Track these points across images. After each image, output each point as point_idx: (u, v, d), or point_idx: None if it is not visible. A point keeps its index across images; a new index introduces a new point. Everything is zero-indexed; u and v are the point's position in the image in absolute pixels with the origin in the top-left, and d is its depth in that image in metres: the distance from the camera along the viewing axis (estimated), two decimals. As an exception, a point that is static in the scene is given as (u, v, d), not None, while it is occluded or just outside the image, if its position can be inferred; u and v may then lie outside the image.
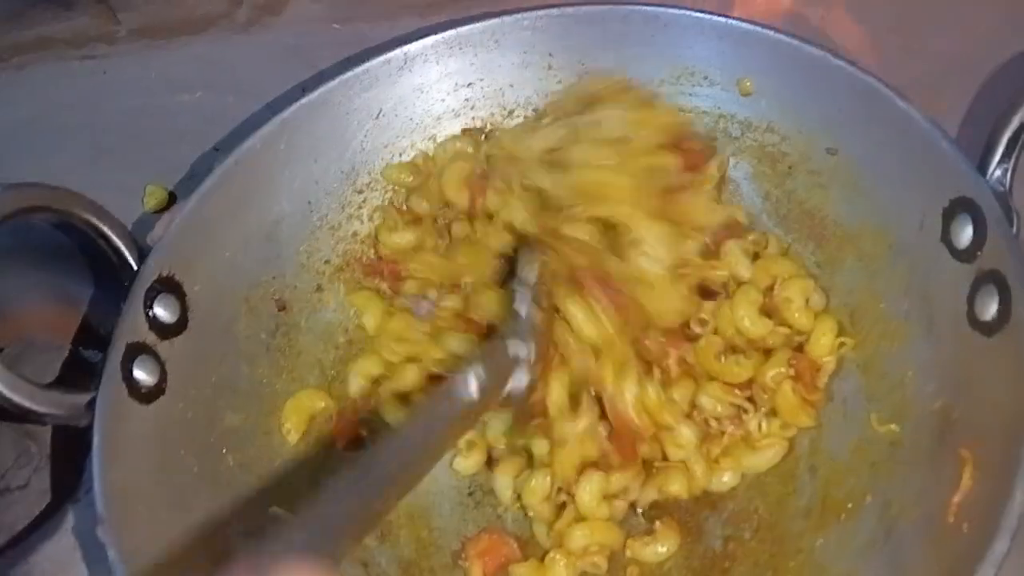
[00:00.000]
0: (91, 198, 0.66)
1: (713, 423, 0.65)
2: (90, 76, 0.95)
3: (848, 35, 0.69)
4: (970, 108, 0.74)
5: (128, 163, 0.87)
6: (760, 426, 0.64)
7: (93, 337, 0.74)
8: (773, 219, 0.71)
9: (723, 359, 0.66)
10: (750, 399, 0.65)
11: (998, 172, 0.59)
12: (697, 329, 0.66)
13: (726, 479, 0.64)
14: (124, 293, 0.64)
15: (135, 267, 0.66)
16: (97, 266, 0.76)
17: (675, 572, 0.63)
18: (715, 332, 0.66)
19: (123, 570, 0.54)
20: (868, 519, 0.59)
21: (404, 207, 0.75)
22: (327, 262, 0.74)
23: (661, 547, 0.63)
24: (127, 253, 0.66)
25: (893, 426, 0.61)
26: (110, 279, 0.68)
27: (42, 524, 0.68)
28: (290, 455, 0.68)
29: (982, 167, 0.59)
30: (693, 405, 0.66)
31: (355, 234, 0.75)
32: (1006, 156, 0.58)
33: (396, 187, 0.75)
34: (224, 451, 0.65)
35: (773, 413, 0.65)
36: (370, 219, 0.76)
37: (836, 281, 0.68)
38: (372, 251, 0.75)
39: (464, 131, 0.76)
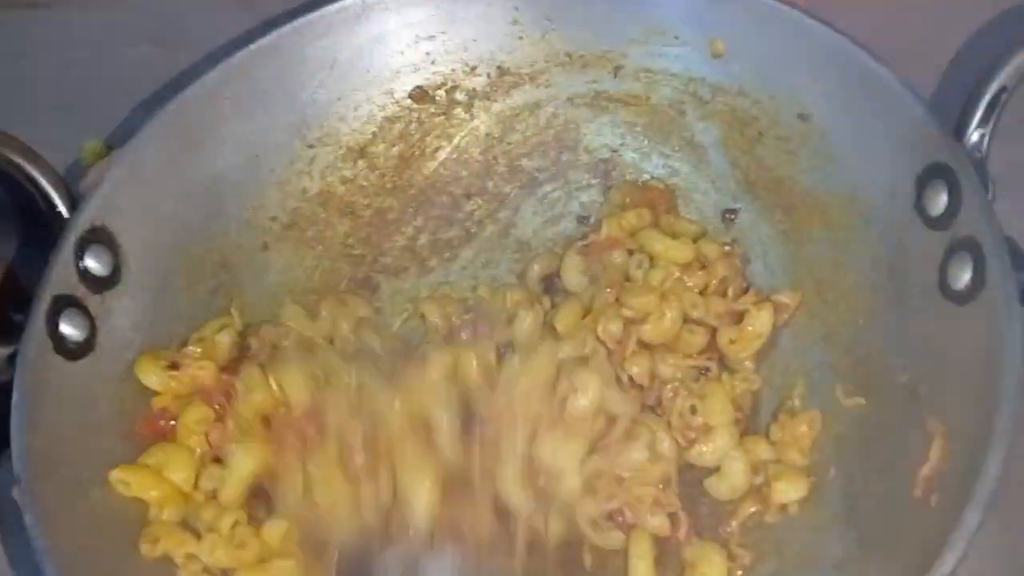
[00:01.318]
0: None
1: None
2: (30, 27, 0.91)
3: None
4: (947, 71, 0.72)
5: (67, 118, 0.83)
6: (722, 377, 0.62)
7: (17, 295, 0.69)
8: (741, 186, 0.69)
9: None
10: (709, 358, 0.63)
11: (975, 137, 0.57)
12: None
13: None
14: (53, 244, 0.60)
15: (66, 215, 0.62)
16: (24, 219, 0.72)
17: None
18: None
19: (40, 535, 0.51)
20: (831, 494, 0.57)
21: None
22: (274, 219, 0.70)
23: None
24: (57, 200, 0.62)
25: (859, 399, 0.59)
26: (38, 234, 0.64)
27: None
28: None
29: (959, 132, 0.57)
30: (653, 376, 0.63)
31: (304, 191, 0.71)
32: (984, 121, 0.57)
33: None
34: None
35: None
36: (321, 176, 0.72)
37: (803, 251, 0.66)
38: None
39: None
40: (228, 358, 0.64)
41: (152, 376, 0.61)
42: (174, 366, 0.62)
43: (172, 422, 0.61)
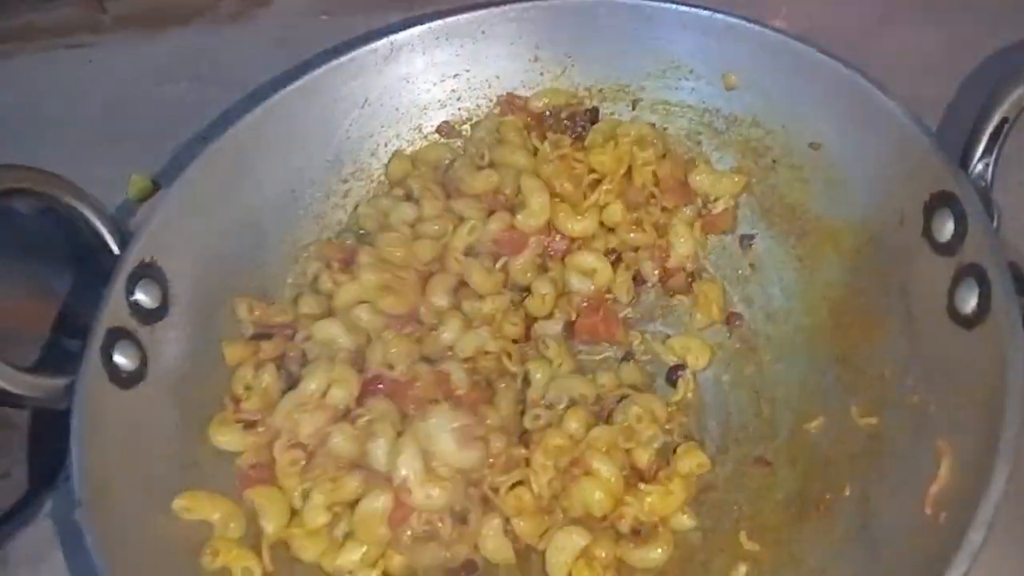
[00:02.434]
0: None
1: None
2: (75, 65, 0.95)
3: (833, 30, 0.69)
4: (952, 103, 0.74)
5: (112, 153, 0.87)
6: None
7: (72, 326, 0.73)
8: (757, 213, 0.72)
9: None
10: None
11: (979, 167, 0.59)
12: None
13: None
14: (105, 278, 0.63)
15: (117, 252, 0.65)
16: (78, 256, 0.76)
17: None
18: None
19: (99, 554, 0.54)
20: (846, 511, 0.59)
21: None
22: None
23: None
24: (109, 238, 0.66)
25: (872, 419, 0.61)
26: (91, 269, 0.68)
27: (20, 512, 0.67)
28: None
29: (964, 162, 0.59)
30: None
31: (339, 223, 0.75)
32: (987, 151, 0.59)
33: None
34: (203, 440, 0.65)
35: None
36: (354, 209, 0.75)
37: (817, 276, 0.68)
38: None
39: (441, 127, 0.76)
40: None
41: (232, 440, 0.64)
42: (251, 425, 0.65)
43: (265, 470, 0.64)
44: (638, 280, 0.72)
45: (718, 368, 0.69)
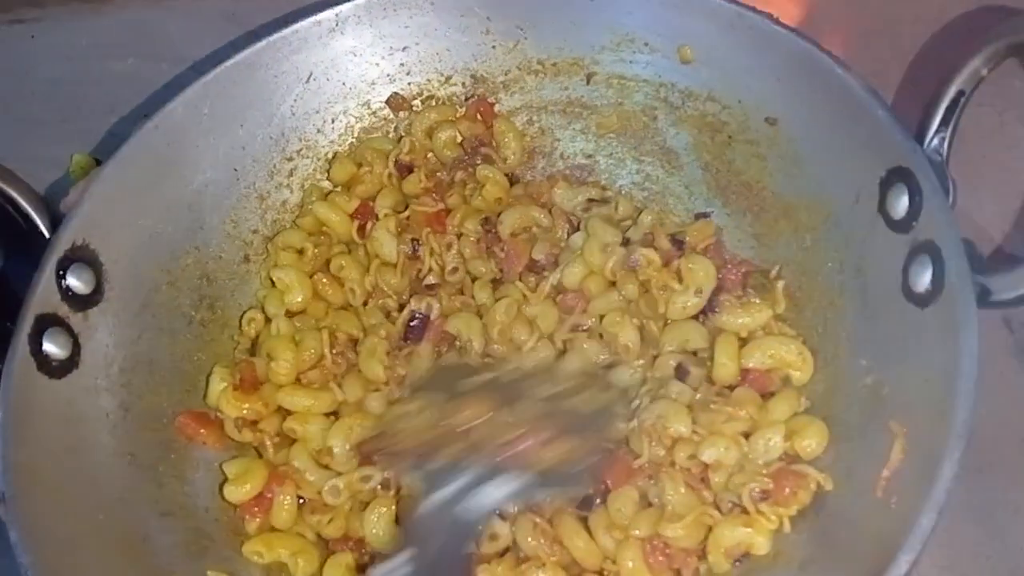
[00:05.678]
0: (9, 166, 0.64)
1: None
2: (17, 41, 0.92)
3: (789, 3, 0.67)
4: (908, 76, 0.73)
5: (55, 132, 0.85)
6: None
7: (8, 308, 0.70)
8: (713, 191, 0.70)
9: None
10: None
11: (935, 141, 0.58)
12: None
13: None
14: (35, 262, 0.61)
15: (47, 235, 0.63)
16: (11, 235, 0.73)
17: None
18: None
19: (25, 551, 0.52)
20: (800, 495, 0.58)
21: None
22: (255, 231, 0.72)
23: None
24: (38, 220, 0.64)
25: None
26: (26, 248, 0.65)
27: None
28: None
29: (919, 136, 0.58)
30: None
31: (284, 203, 0.73)
32: (943, 125, 0.58)
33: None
34: (140, 429, 0.63)
35: None
36: (300, 188, 0.73)
37: (773, 255, 0.67)
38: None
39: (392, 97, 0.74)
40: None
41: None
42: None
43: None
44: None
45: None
